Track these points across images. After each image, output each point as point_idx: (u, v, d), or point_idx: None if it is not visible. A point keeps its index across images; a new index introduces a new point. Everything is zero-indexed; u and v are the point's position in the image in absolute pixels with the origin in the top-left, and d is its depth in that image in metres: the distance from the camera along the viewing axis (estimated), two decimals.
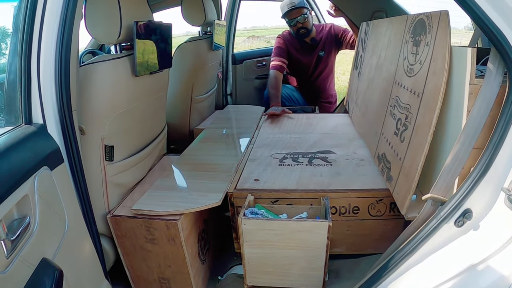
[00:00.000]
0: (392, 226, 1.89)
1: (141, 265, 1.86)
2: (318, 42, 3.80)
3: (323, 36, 3.80)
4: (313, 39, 3.79)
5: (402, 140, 1.70)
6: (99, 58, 1.71)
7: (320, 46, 3.82)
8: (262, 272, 1.78)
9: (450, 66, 1.42)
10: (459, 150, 1.30)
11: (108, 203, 1.81)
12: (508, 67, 1.18)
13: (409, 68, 1.76)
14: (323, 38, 3.80)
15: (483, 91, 1.28)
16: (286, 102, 3.86)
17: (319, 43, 3.81)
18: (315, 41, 3.80)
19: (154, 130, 2.27)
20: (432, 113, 1.44)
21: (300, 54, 3.85)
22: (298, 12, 3.57)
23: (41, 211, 1.16)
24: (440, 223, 1.31)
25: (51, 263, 1.16)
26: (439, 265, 1.34)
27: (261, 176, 2.06)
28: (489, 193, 1.26)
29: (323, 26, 3.86)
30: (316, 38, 3.79)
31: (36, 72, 1.31)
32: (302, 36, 3.72)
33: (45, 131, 1.33)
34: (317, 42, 3.80)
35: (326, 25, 3.87)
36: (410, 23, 1.85)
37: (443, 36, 1.46)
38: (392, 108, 1.92)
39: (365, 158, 2.26)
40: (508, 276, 1.22)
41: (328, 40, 3.81)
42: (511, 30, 1.13)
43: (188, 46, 3.00)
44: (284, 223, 1.67)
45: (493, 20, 1.14)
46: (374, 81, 2.44)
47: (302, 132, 2.81)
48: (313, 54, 3.85)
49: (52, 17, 1.31)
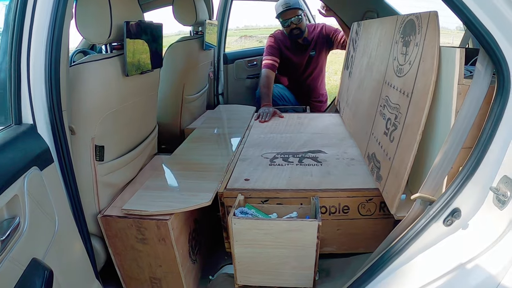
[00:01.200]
0: (382, 225, 1.90)
1: (132, 265, 1.85)
2: (310, 42, 3.82)
3: (315, 36, 3.82)
4: (305, 39, 3.80)
5: (391, 139, 1.71)
6: (89, 58, 1.70)
7: (311, 45, 3.84)
8: (253, 271, 1.79)
9: (439, 66, 1.43)
10: (448, 149, 1.31)
11: (99, 203, 1.81)
12: (496, 68, 1.19)
13: (398, 68, 1.77)
14: (315, 38, 3.82)
15: (471, 91, 1.29)
16: (277, 101, 3.87)
17: (310, 43, 3.83)
18: (307, 41, 3.81)
19: (145, 130, 2.26)
20: (421, 113, 1.45)
21: (291, 54, 3.86)
22: (292, 13, 3.58)
23: (31, 211, 1.16)
24: (429, 222, 1.32)
25: (41, 263, 1.16)
26: (428, 264, 1.35)
27: (251, 176, 2.07)
28: (478, 193, 1.27)
29: (315, 26, 3.87)
30: (308, 38, 3.81)
31: (26, 72, 1.30)
32: (296, 37, 3.73)
33: (35, 131, 1.32)
34: (309, 42, 3.82)
35: (318, 25, 3.88)
36: (400, 24, 1.86)
37: (432, 36, 1.47)
38: (382, 108, 1.93)
39: (356, 158, 2.27)
40: (496, 274, 1.23)
41: (320, 40, 3.82)
42: (499, 30, 1.14)
43: (179, 46, 3.00)
44: (274, 223, 1.67)
45: (481, 20, 1.15)
46: (365, 81, 2.45)
47: (293, 132, 2.82)
48: (305, 54, 3.87)
49: (42, 17, 1.30)
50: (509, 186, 1.16)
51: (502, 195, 1.17)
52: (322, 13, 3.43)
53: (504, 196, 1.17)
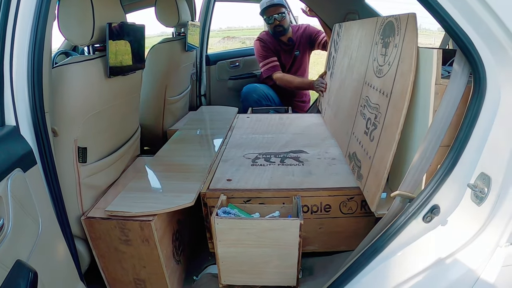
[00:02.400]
0: (364, 223, 1.93)
1: (116, 266, 1.85)
2: (295, 42, 3.87)
3: (299, 36, 3.88)
4: (290, 39, 3.86)
5: (371, 139, 1.74)
6: (71, 60, 1.70)
7: (296, 45, 3.89)
8: (237, 271, 1.80)
9: (417, 67, 1.46)
10: (426, 148, 1.34)
11: (82, 205, 1.80)
12: (472, 68, 1.21)
13: (378, 69, 1.80)
14: (299, 37, 3.88)
15: (448, 91, 1.32)
16: (262, 101, 3.90)
17: (295, 43, 3.88)
18: (292, 41, 3.87)
19: (127, 132, 2.26)
20: (400, 112, 1.49)
21: (278, 54, 3.91)
22: (275, 10, 3.65)
23: (15, 213, 1.15)
24: (409, 219, 1.34)
25: (26, 265, 1.15)
26: (408, 260, 1.37)
27: (233, 176, 2.08)
28: (456, 189, 1.29)
29: (299, 27, 3.95)
30: (293, 37, 3.87)
31: (9, 74, 1.29)
32: (279, 34, 3.79)
33: (18, 133, 1.32)
34: (293, 42, 3.87)
35: (301, 26, 3.96)
36: (380, 25, 1.90)
37: (410, 38, 1.50)
38: (362, 108, 1.96)
39: (337, 157, 2.30)
40: (475, 269, 1.26)
41: (303, 40, 3.89)
42: (474, 31, 1.16)
43: (161, 47, 3.00)
44: (257, 222, 1.69)
45: (456, 21, 1.16)
46: (346, 82, 2.48)
47: (275, 132, 2.85)
48: (290, 54, 3.93)
49: (25, 18, 1.29)
50: (486, 183, 1.19)
51: (480, 192, 1.20)
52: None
53: (482, 192, 1.19)
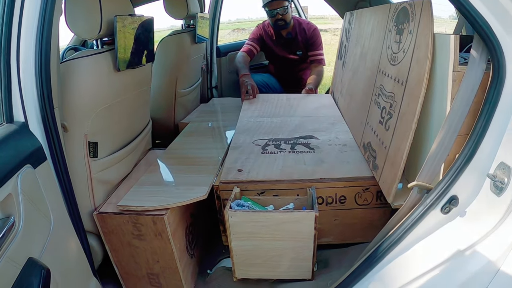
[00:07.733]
0: (379, 214, 1.90)
1: (129, 261, 1.84)
2: (294, 37, 3.84)
3: (303, 36, 3.84)
4: (289, 33, 3.83)
5: (387, 128, 1.71)
6: (80, 54, 1.68)
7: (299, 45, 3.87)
8: (251, 264, 1.78)
9: (433, 53, 1.42)
10: (444, 137, 1.30)
11: (94, 200, 1.79)
12: (491, 54, 1.18)
13: (392, 57, 1.77)
14: (303, 38, 3.84)
15: (466, 78, 1.28)
16: (262, 89, 3.88)
17: (294, 39, 3.85)
18: (290, 35, 3.84)
19: (138, 125, 2.25)
20: (416, 101, 1.45)
21: (274, 46, 3.93)
22: (278, 4, 3.61)
23: (26, 210, 1.14)
24: (427, 210, 1.32)
25: (38, 262, 1.15)
26: (427, 252, 1.35)
27: (244, 166, 2.05)
28: (475, 180, 1.26)
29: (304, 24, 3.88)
30: (292, 32, 3.83)
31: (16, 70, 1.28)
32: (280, 28, 3.77)
33: (27, 129, 1.31)
34: (292, 37, 3.84)
35: (309, 25, 3.88)
36: (393, 12, 1.86)
37: (426, 23, 1.46)
38: (376, 97, 1.92)
39: (348, 144, 2.26)
40: (495, 261, 1.23)
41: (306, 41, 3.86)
42: (493, 16, 1.13)
43: (170, 40, 2.98)
44: (271, 215, 1.67)
45: (475, 6, 1.14)
46: (359, 71, 2.44)
47: (283, 115, 2.84)
48: (290, 51, 3.92)
49: (31, 13, 1.28)
50: (506, 173, 1.15)
51: (500, 182, 1.17)
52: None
53: (502, 182, 1.16)
